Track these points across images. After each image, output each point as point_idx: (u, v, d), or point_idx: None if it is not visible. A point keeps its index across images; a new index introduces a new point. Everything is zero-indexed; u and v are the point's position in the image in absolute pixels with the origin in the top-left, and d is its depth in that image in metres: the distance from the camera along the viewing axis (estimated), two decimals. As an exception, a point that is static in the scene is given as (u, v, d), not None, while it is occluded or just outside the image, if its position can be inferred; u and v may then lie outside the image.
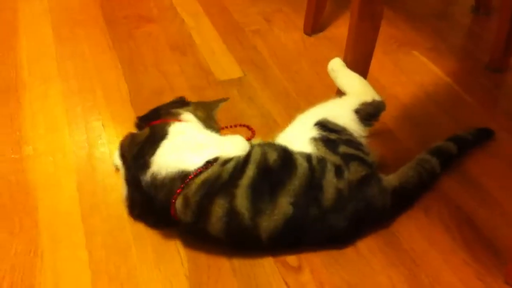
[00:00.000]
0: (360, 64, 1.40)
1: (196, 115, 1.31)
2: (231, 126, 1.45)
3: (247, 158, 1.16)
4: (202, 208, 1.11)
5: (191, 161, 1.15)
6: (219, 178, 1.13)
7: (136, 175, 1.17)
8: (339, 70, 1.37)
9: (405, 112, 1.57)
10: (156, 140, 1.19)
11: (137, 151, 1.20)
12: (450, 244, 1.18)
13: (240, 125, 1.45)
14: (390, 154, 1.38)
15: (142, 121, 1.31)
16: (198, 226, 1.13)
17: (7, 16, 2.07)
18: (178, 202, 1.12)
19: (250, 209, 1.10)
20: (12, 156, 1.43)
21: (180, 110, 1.31)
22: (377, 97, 1.31)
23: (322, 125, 1.23)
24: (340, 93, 1.37)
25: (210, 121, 1.33)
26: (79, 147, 1.46)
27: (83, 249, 1.19)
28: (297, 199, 1.11)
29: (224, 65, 1.79)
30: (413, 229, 1.21)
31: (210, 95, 1.63)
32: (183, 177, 1.13)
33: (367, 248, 1.17)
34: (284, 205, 1.11)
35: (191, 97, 1.46)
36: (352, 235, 1.18)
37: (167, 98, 1.55)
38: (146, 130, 1.25)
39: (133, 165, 1.19)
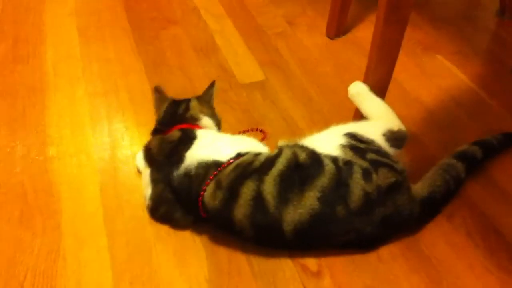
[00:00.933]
0: (384, 68, 1.39)
1: (202, 113, 1.36)
2: (243, 131, 1.48)
3: (278, 154, 1.19)
4: (233, 189, 1.14)
5: (224, 153, 1.22)
6: (251, 164, 1.17)
7: (168, 173, 1.21)
8: (364, 96, 1.36)
9: (429, 116, 1.55)
10: (189, 139, 1.26)
11: (170, 150, 1.25)
12: (473, 251, 1.17)
13: (253, 130, 1.48)
14: (414, 158, 1.35)
15: (164, 126, 1.34)
16: (224, 213, 1.14)
17: (33, 18, 2.10)
18: (210, 187, 1.16)
19: (277, 197, 1.11)
20: (37, 157, 1.45)
21: (199, 115, 1.36)
22: (403, 127, 1.29)
23: (351, 135, 1.24)
24: (357, 116, 1.36)
25: (214, 115, 1.39)
26: (102, 149, 1.47)
27: (105, 250, 1.20)
28: (324, 195, 1.11)
29: (247, 68, 1.79)
30: (436, 236, 1.20)
31: (232, 98, 1.64)
32: (217, 166, 1.19)
33: (389, 254, 1.16)
34: (311, 198, 1.11)
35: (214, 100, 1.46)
36: (377, 241, 1.18)
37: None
38: (177, 132, 1.29)
39: (165, 163, 1.23)
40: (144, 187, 1.27)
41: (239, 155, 1.21)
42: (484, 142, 1.37)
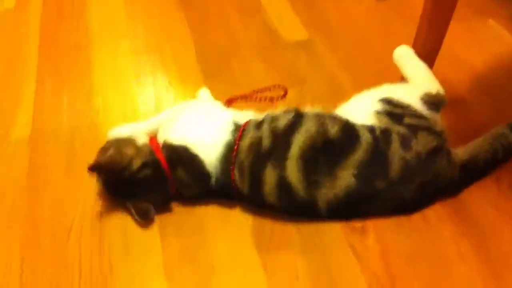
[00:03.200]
0: (435, 31, 1.35)
1: None
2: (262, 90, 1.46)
3: (294, 123, 1.14)
4: (255, 176, 1.12)
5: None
6: (261, 143, 1.13)
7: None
8: (407, 58, 1.34)
9: (478, 82, 1.51)
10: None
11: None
12: (522, 216, 1.14)
13: (274, 87, 1.45)
14: (460, 121, 1.33)
15: None
16: (256, 197, 1.14)
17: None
18: (236, 173, 1.14)
19: (303, 181, 1.09)
20: (82, 107, 1.47)
21: None
22: (441, 91, 1.26)
23: (387, 101, 1.20)
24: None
25: None
26: (147, 102, 1.48)
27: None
28: (360, 170, 1.09)
29: (291, 27, 1.76)
30: (483, 200, 1.17)
31: (275, 56, 1.62)
32: (231, 146, 1.15)
33: (435, 216, 1.14)
34: (346, 177, 1.08)
35: (256, 57, 1.45)
36: (417, 206, 1.16)
37: (234, 59, 1.58)
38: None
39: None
40: None
41: (238, 127, 1.17)
42: None
